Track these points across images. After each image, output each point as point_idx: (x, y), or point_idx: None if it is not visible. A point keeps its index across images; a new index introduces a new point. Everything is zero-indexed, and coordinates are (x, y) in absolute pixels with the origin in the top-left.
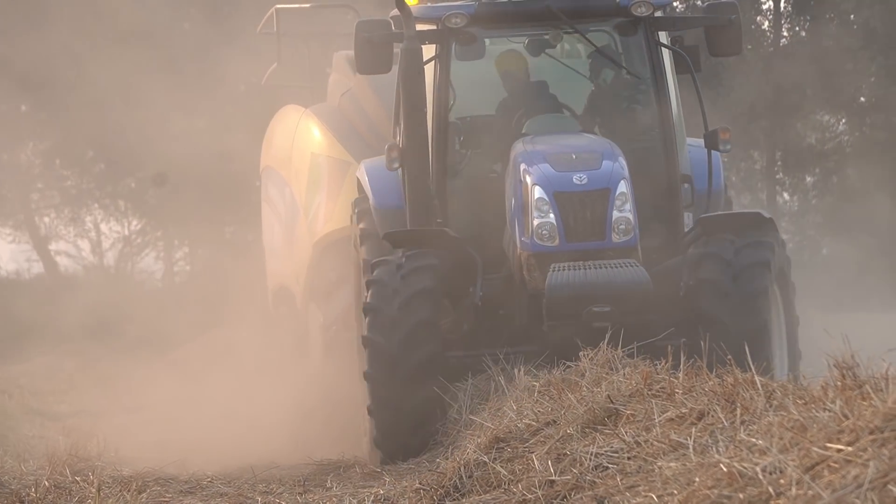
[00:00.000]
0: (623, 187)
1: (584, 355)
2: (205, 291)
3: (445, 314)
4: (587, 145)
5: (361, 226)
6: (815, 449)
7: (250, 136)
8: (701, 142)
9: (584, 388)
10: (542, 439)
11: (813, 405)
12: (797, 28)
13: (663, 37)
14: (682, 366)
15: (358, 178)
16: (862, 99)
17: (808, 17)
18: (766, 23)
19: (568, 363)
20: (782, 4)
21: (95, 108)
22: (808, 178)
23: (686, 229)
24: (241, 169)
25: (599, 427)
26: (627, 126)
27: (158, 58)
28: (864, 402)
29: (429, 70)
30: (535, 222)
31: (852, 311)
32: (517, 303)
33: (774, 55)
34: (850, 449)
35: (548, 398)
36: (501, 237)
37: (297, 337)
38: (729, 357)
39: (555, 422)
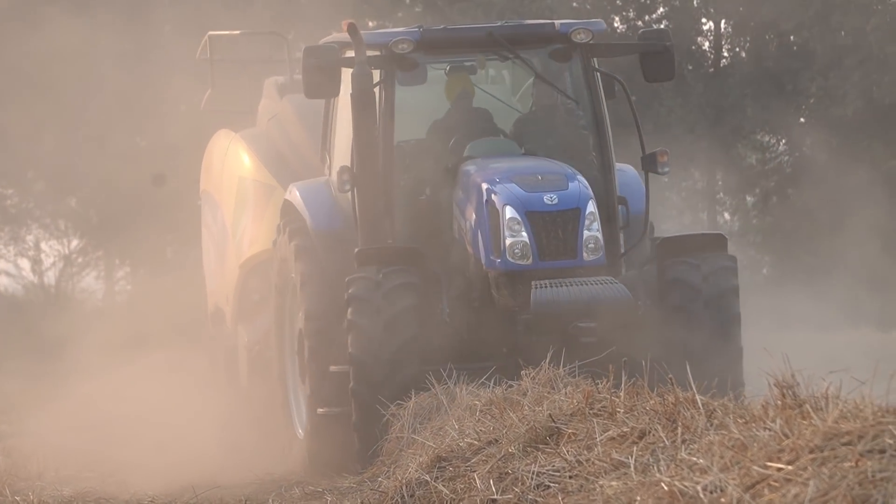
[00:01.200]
0: (591, 207)
1: (525, 374)
2: (146, 311)
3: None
4: (549, 167)
5: (296, 242)
6: (756, 468)
7: (191, 156)
8: (625, 166)
9: (526, 407)
10: (484, 458)
11: (753, 424)
12: (737, 49)
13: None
14: (622, 384)
15: (288, 201)
16: (802, 119)
17: (748, 39)
18: (707, 43)
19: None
20: (723, 25)
21: (35, 128)
22: (749, 198)
23: (622, 249)
24: (182, 189)
25: (541, 446)
26: (561, 150)
27: (100, 78)
28: (805, 422)
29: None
30: (508, 241)
31: (793, 332)
32: (482, 320)
33: (714, 75)
34: (790, 468)
35: (490, 417)
36: (442, 257)
37: (227, 357)
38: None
39: (497, 441)
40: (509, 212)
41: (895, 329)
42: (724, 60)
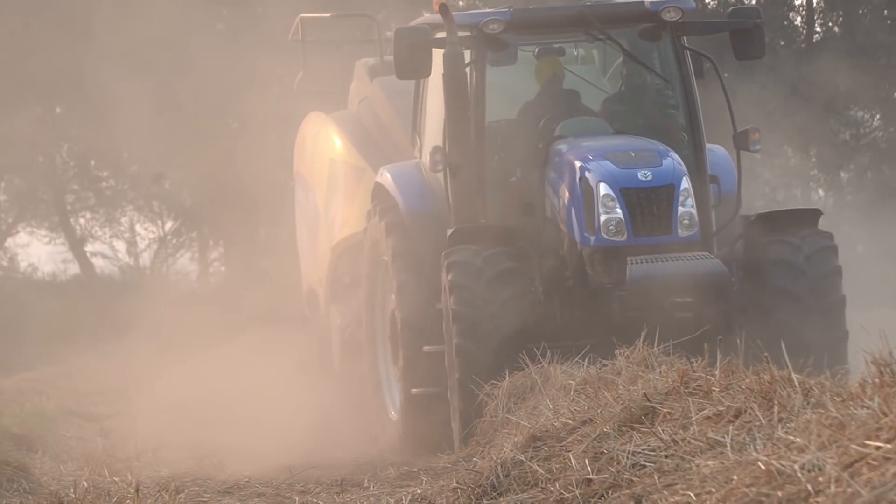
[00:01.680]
0: (686, 183)
1: (619, 353)
2: (240, 292)
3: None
4: (642, 144)
5: (386, 220)
6: (854, 446)
7: (283, 138)
8: (714, 146)
9: (621, 387)
10: (578, 438)
11: (851, 402)
12: (830, 23)
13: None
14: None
15: (379, 183)
16: None
17: (841, 13)
18: (799, 18)
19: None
20: (815, 0)
21: (128, 111)
22: (843, 175)
23: (713, 228)
24: (274, 170)
25: (636, 425)
26: (651, 129)
27: (192, 59)
28: None
29: None
30: (603, 218)
31: (890, 308)
32: (575, 298)
33: (807, 51)
34: (888, 446)
35: (584, 397)
36: (530, 237)
37: (321, 338)
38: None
39: (591, 420)
40: (603, 188)
41: None
42: (816, 35)
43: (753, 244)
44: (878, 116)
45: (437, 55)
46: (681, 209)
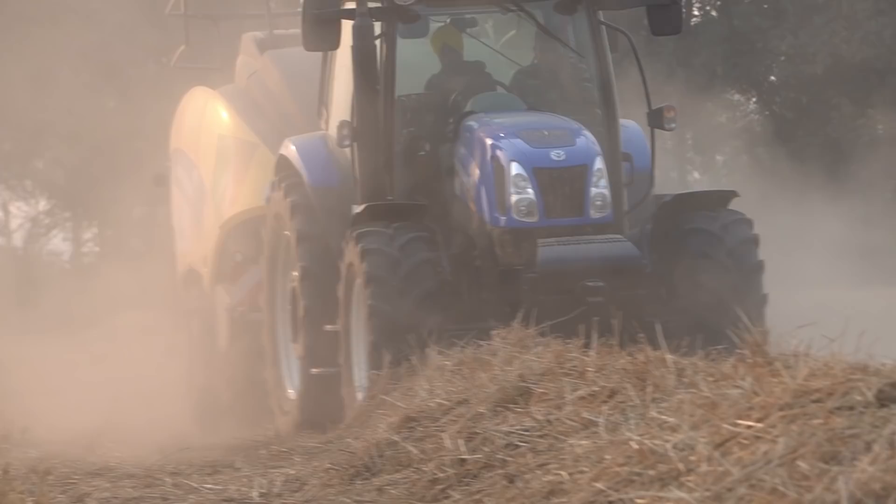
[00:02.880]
0: (599, 163)
1: (496, 334)
2: (114, 273)
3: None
4: (555, 122)
5: (291, 199)
6: (726, 426)
7: (160, 116)
8: (628, 122)
9: (496, 367)
10: (453, 418)
11: (723, 382)
12: (707, 7)
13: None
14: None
15: (283, 156)
16: (772, 78)
17: None
18: None
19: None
20: None
21: (1, 87)
22: (719, 157)
23: (625, 207)
24: (151, 149)
25: (511, 406)
26: (564, 104)
27: (67, 35)
28: (774, 380)
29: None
30: (513, 198)
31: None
32: (484, 279)
33: (685, 34)
34: (760, 425)
35: (460, 377)
36: (438, 215)
37: (205, 319)
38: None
39: (466, 401)
40: (515, 168)
41: (865, 288)
42: (694, 19)
43: (667, 224)
44: (754, 100)
45: (347, 27)
46: (594, 190)
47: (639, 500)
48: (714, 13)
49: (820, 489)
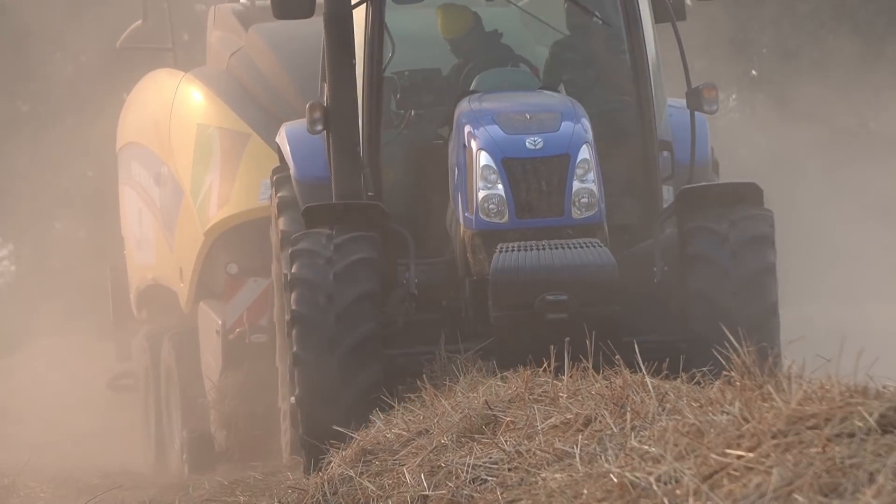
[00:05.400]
0: (585, 153)
1: (459, 357)
2: (33, 293)
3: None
4: (544, 104)
5: (281, 194)
6: (714, 456)
7: (86, 118)
8: (678, 102)
9: (460, 394)
10: (413, 450)
11: (710, 408)
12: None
13: None
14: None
15: (278, 144)
16: (753, 73)
17: None
18: None
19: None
20: None
21: None
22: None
23: (665, 205)
24: (75, 153)
25: (476, 436)
26: (598, 83)
27: None
28: (766, 404)
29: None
30: (481, 195)
31: None
32: (460, 291)
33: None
34: (751, 455)
35: (419, 405)
36: (445, 214)
37: (180, 344)
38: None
39: (427, 431)
40: (484, 158)
41: (855, 303)
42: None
43: (678, 223)
44: (733, 97)
45: None
46: (577, 185)
47: None
48: (689, 1)
49: None
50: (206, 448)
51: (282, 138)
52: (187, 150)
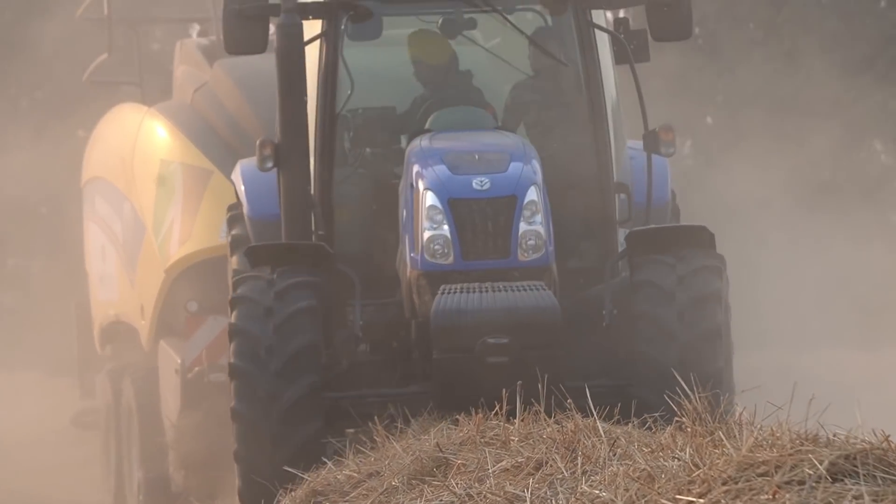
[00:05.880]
0: (533, 194)
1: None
2: None
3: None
4: (495, 143)
5: (234, 232)
6: (664, 501)
7: (45, 147)
8: (637, 144)
9: (411, 436)
10: (364, 492)
11: (661, 453)
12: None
13: (600, 18)
14: (518, 413)
15: (232, 181)
16: (709, 120)
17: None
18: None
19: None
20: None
21: None
22: None
23: (619, 249)
24: (30, 186)
25: (428, 478)
26: (558, 124)
27: None
28: (717, 451)
29: (314, 51)
30: (426, 235)
31: None
32: (406, 333)
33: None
34: (701, 501)
35: (370, 447)
36: (397, 255)
37: (139, 381)
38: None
39: (378, 473)
40: (430, 198)
41: (806, 349)
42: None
43: (631, 266)
44: (689, 143)
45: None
46: (524, 226)
47: None
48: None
49: None
50: (162, 489)
51: (237, 175)
52: (150, 185)
